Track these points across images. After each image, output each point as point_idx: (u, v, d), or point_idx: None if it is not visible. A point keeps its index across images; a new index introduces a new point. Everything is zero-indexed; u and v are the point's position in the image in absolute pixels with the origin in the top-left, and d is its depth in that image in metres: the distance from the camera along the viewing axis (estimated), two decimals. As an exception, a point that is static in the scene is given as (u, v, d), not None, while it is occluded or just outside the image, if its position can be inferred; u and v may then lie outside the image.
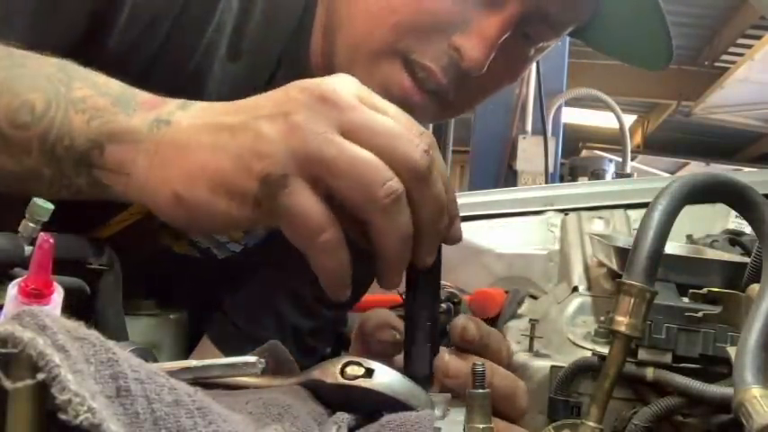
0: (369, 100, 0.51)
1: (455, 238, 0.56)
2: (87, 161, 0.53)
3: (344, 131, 0.49)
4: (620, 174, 4.00)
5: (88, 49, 0.68)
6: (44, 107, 0.54)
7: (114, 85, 0.56)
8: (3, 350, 0.27)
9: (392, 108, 0.52)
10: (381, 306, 0.89)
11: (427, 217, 0.52)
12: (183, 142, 0.52)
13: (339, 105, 0.49)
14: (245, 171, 0.49)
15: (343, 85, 0.51)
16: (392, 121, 0.51)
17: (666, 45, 0.78)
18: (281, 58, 0.77)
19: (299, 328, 0.96)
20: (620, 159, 4.29)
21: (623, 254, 0.61)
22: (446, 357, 0.57)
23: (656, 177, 4.08)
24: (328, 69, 0.75)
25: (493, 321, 0.77)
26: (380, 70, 0.71)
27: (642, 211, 0.53)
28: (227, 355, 0.52)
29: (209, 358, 0.50)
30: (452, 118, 0.93)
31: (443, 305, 1.14)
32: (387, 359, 0.58)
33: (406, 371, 0.56)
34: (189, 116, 0.53)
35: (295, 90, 0.51)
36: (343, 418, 0.47)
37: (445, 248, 0.58)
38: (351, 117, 0.49)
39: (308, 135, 0.48)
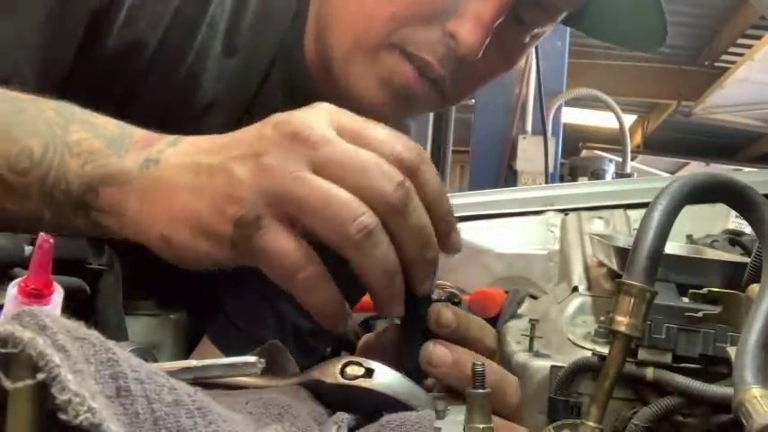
0: (349, 127, 0.51)
1: (453, 249, 0.56)
2: (84, 204, 0.54)
3: (316, 168, 0.49)
4: (620, 174, 4.00)
5: (88, 50, 0.68)
6: (42, 152, 0.55)
7: (111, 126, 0.57)
8: (3, 350, 0.27)
9: (375, 132, 0.52)
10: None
11: (410, 247, 0.51)
12: (167, 182, 0.53)
13: (310, 141, 0.49)
14: (219, 214, 0.50)
15: (317, 119, 0.51)
16: (367, 153, 0.50)
17: (660, 26, 0.78)
18: (276, 55, 0.78)
19: (300, 327, 0.95)
20: (620, 159, 4.29)
21: (623, 254, 0.61)
22: (430, 347, 0.57)
23: (656, 177, 4.08)
24: (324, 65, 0.76)
25: (493, 321, 0.77)
26: (381, 63, 0.71)
27: (642, 211, 0.53)
28: (228, 355, 0.52)
29: (209, 358, 0.50)
30: (449, 107, 0.93)
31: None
32: None
33: (399, 365, 0.56)
34: (176, 153, 0.54)
35: (268, 128, 0.51)
36: (343, 418, 0.47)
37: (445, 249, 0.58)
38: (322, 153, 0.49)
39: (278, 175, 0.49)
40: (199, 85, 0.75)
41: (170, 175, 0.53)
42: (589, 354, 0.59)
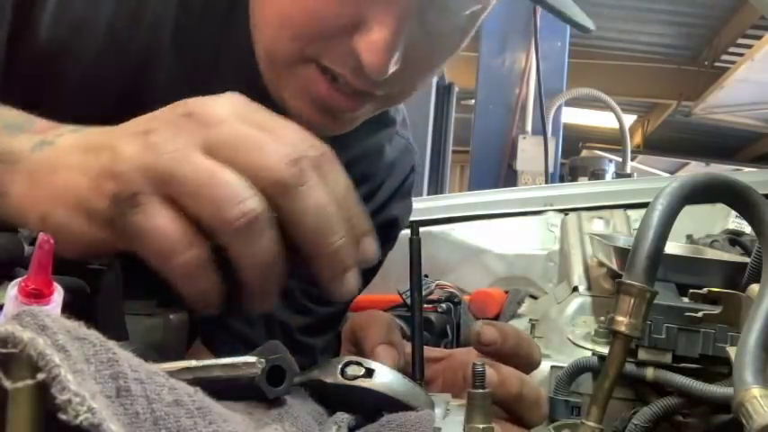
0: (251, 117, 0.48)
1: (367, 259, 0.50)
2: None
3: (206, 149, 0.46)
4: (620, 174, 4.00)
5: (18, 45, 0.67)
6: None
7: (15, 114, 0.55)
8: (3, 350, 0.27)
9: (280, 123, 0.49)
10: (378, 307, 0.89)
11: (309, 234, 0.47)
12: (55, 163, 0.51)
13: (203, 121, 0.47)
14: (97, 190, 0.47)
15: (220, 102, 0.49)
16: (263, 135, 0.47)
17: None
18: (221, 53, 0.75)
19: (288, 325, 0.95)
20: (620, 159, 4.29)
21: (623, 254, 0.61)
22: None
23: (656, 177, 4.09)
24: (262, 67, 0.71)
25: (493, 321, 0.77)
26: (298, 76, 0.68)
27: (642, 211, 0.53)
28: (217, 353, 0.52)
29: (202, 358, 0.50)
30: (400, 103, 0.86)
31: (443, 305, 1.14)
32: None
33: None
34: (74, 137, 0.52)
35: (168, 108, 0.49)
36: (343, 418, 0.47)
37: (445, 248, 0.58)
38: (214, 133, 0.47)
39: (162, 152, 0.46)
40: (151, 81, 0.73)
41: (59, 155, 0.51)
42: (589, 354, 0.59)
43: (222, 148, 0.46)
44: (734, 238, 0.83)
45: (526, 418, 0.55)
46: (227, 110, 0.48)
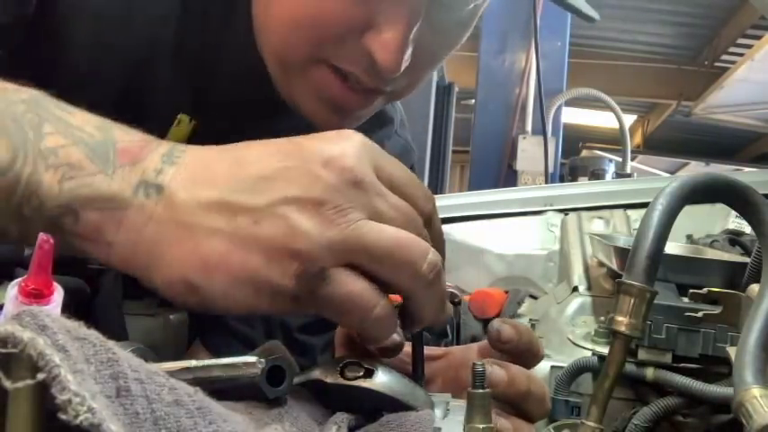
0: (385, 171, 0.50)
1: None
2: (59, 226, 0.47)
3: (372, 215, 0.48)
4: (620, 174, 4.00)
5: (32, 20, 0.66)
6: (10, 159, 0.47)
7: (90, 128, 0.50)
8: (3, 350, 0.27)
9: (406, 179, 0.52)
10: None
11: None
12: (187, 221, 0.47)
13: (365, 188, 0.48)
14: (279, 269, 0.46)
15: (362, 161, 0.49)
16: (405, 211, 0.50)
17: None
18: (221, 54, 0.75)
19: (287, 325, 0.95)
20: (620, 159, 4.29)
21: (623, 254, 0.61)
22: (488, 367, 0.57)
23: (656, 177, 4.08)
24: (271, 70, 0.72)
25: (493, 321, 0.77)
26: (311, 77, 0.68)
27: (642, 211, 0.53)
28: (217, 355, 0.52)
29: (201, 358, 0.50)
30: (406, 97, 0.87)
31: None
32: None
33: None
34: (183, 180, 0.48)
35: (317, 164, 0.48)
36: (343, 418, 0.47)
37: (445, 248, 0.58)
38: (379, 200, 0.49)
39: (345, 225, 0.46)
40: (154, 81, 0.72)
41: (189, 212, 0.47)
42: (589, 354, 0.59)
43: (388, 213, 0.49)
44: (734, 238, 0.83)
45: (532, 413, 0.56)
46: (370, 168, 0.49)
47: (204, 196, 0.48)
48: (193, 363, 0.45)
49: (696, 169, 8.39)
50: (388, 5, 0.63)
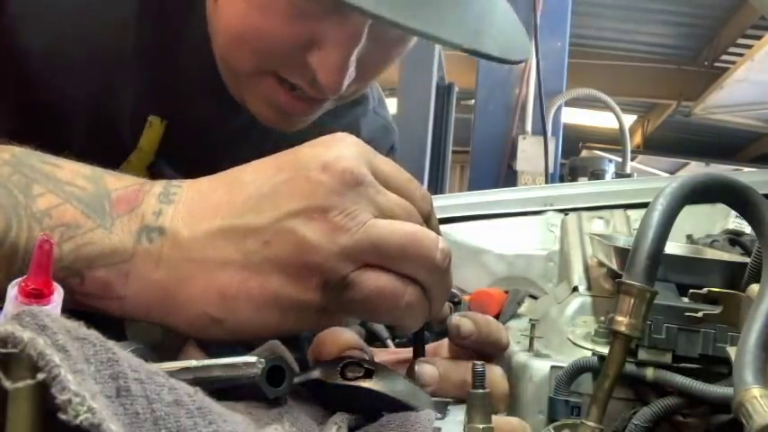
0: (380, 170, 0.51)
1: None
2: (66, 287, 0.44)
3: (377, 213, 0.48)
4: (620, 174, 3.99)
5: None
6: (3, 228, 0.45)
7: (80, 180, 0.48)
8: (3, 350, 0.27)
9: (403, 180, 0.52)
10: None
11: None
12: (196, 257, 0.46)
13: (367, 187, 0.48)
14: (301, 286, 0.46)
15: (359, 161, 0.49)
16: (408, 204, 0.51)
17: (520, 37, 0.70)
18: (180, 55, 0.75)
19: None
20: (620, 159, 4.29)
21: (623, 254, 0.61)
22: (416, 367, 0.56)
23: (656, 177, 4.08)
24: (222, 73, 0.72)
25: (493, 321, 0.77)
26: (259, 86, 0.68)
27: (642, 211, 0.53)
28: (210, 352, 0.52)
29: (195, 357, 0.50)
30: (355, 96, 0.85)
31: (443, 305, 1.15)
32: None
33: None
34: (183, 216, 0.47)
35: (315, 170, 0.47)
36: (343, 418, 0.47)
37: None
38: (380, 200, 0.49)
39: (355, 229, 0.46)
40: (120, 78, 0.72)
41: (197, 247, 0.46)
42: (589, 354, 0.59)
43: (393, 209, 0.49)
44: (734, 238, 0.83)
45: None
46: (367, 168, 0.49)
47: (208, 228, 0.47)
48: (193, 363, 0.45)
49: (696, 169, 8.40)
50: (329, 26, 0.62)
